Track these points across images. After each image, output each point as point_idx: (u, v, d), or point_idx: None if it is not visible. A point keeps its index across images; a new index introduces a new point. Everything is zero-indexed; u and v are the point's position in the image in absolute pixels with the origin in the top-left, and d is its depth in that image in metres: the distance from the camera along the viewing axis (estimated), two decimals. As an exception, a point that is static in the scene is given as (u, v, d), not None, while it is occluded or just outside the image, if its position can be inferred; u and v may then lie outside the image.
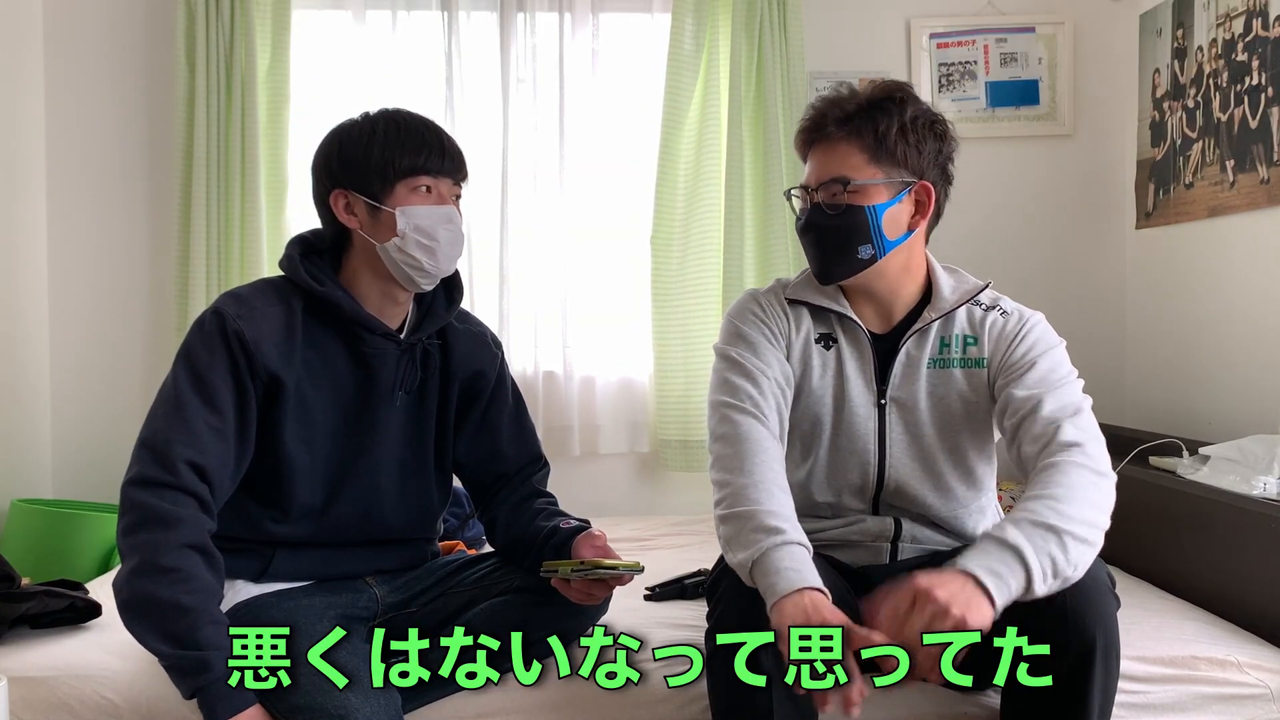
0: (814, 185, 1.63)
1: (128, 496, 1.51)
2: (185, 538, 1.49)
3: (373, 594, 1.74)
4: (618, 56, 3.19)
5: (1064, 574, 1.34)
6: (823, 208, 1.61)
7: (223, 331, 1.58)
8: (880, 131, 1.59)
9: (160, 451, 1.52)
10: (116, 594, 1.49)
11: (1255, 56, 2.48)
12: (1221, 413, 2.64)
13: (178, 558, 1.47)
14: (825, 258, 1.64)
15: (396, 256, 1.64)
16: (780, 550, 1.38)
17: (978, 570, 1.29)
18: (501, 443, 1.84)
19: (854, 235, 1.60)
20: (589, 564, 1.64)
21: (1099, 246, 3.23)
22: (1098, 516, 1.40)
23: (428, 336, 1.75)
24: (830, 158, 1.62)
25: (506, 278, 3.08)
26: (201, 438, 1.54)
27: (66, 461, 3.08)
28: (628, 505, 3.20)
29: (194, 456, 1.52)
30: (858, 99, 1.61)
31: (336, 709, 1.42)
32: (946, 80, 3.21)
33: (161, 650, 1.47)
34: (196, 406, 1.55)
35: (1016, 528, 1.34)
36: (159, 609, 1.46)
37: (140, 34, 3.08)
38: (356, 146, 1.64)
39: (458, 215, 1.68)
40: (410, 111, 1.70)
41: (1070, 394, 1.54)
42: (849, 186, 1.59)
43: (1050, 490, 1.40)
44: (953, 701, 1.67)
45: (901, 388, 1.65)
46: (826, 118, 1.61)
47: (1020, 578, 1.31)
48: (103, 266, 3.09)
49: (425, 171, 1.64)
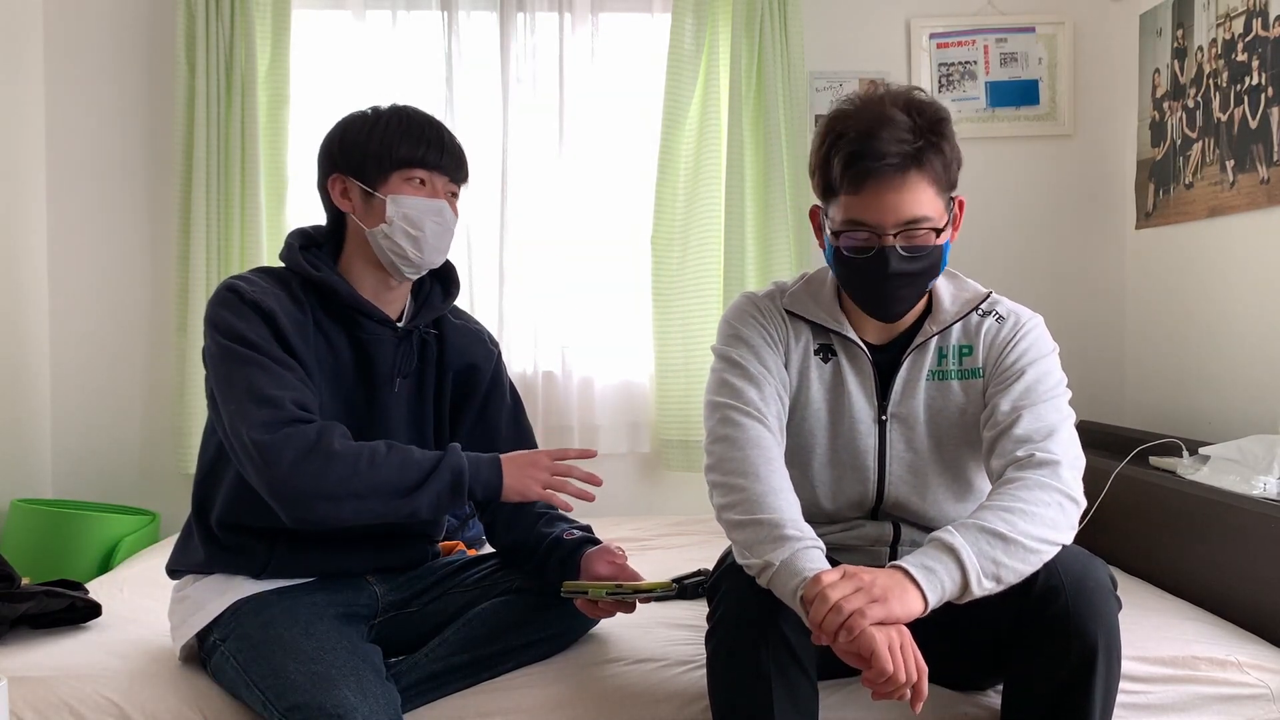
0: (890, 229, 1.50)
1: (262, 445, 1.49)
2: (336, 438, 1.52)
3: (373, 592, 1.74)
4: (618, 56, 3.19)
5: (1006, 579, 1.37)
6: (900, 252, 1.51)
7: (243, 301, 1.59)
8: (946, 162, 1.51)
9: (264, 398, 1.52)
10: (397, 514, 1.54)
11: (1255, 56, 2.48)
12: (1221, 413, 2.64)
13: (352, 447, 1.52)
14: (899, 301, 1.56)
15: (383, 243, 1.66)
16: (803, 554, 1.39)
17: (909, 565, 1.34)
18: (499, 442, 1.84)
19: (931, 273, 1.55)
20: (626, 588, 1.63)
21: (1099, 246, 3.23)
22: (1050, 533, 1.41)
23: (424, 326, 1.76)
24: (903, 199, 1.49)
25: (506, 278, 3.08)
26: (283, 378, 1.55)
27: (66, 461, 3.08)
28: (628, 505, 3.20)
29: (293, 395, 1.54)
30: (911, 125, 1.48)
31: (335, 707, 1.41)
32: (946, 80, 3.21)
33: (439, 498, 1.55)
34: (265, 365, 1.55)
35: (961, 531, 1.37)
36: (391, 484, 1.52)
37: (140, 34, 3.08)
38: (359, 133, 1.68)
39: (448, 210, 1.70)
40: (418, 109, 1.72)
41: (1050, 411, 1.52)
42: (938, 231, 1.52)
43: (1005, 503, 1.41)
44: (953, 702, 1.67)
45: (902, 403, 1.63)
46: (890, 154, 1.46)
47: (955, 576, 1.34)
48: (103, 266, 3.09)
49: (421, 164, 1.67)
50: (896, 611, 1.30)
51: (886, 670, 1.28)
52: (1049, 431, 1.50)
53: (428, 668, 1.65)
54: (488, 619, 1.71)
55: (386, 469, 1.53)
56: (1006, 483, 1.46)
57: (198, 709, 1.61)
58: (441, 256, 1.73)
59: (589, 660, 1.75)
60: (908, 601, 1.31)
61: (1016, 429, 1.50)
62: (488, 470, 1.60)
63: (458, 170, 1.71)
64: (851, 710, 1.64)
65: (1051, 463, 1.46)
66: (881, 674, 1.28)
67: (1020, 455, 1.48)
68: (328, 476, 1.50)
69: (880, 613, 1.29)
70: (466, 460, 1.58)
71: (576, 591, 1.65)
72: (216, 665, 1.61)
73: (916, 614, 1.32)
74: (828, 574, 1.34)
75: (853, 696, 1.65)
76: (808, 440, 1.65)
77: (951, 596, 1.35)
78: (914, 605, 1.32)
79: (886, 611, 1.30)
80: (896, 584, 1.32)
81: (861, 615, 1.28)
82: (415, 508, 1.54)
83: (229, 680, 1.59)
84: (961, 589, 1.35)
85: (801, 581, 1.35)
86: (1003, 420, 1.53)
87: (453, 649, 1.68)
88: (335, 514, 1.52)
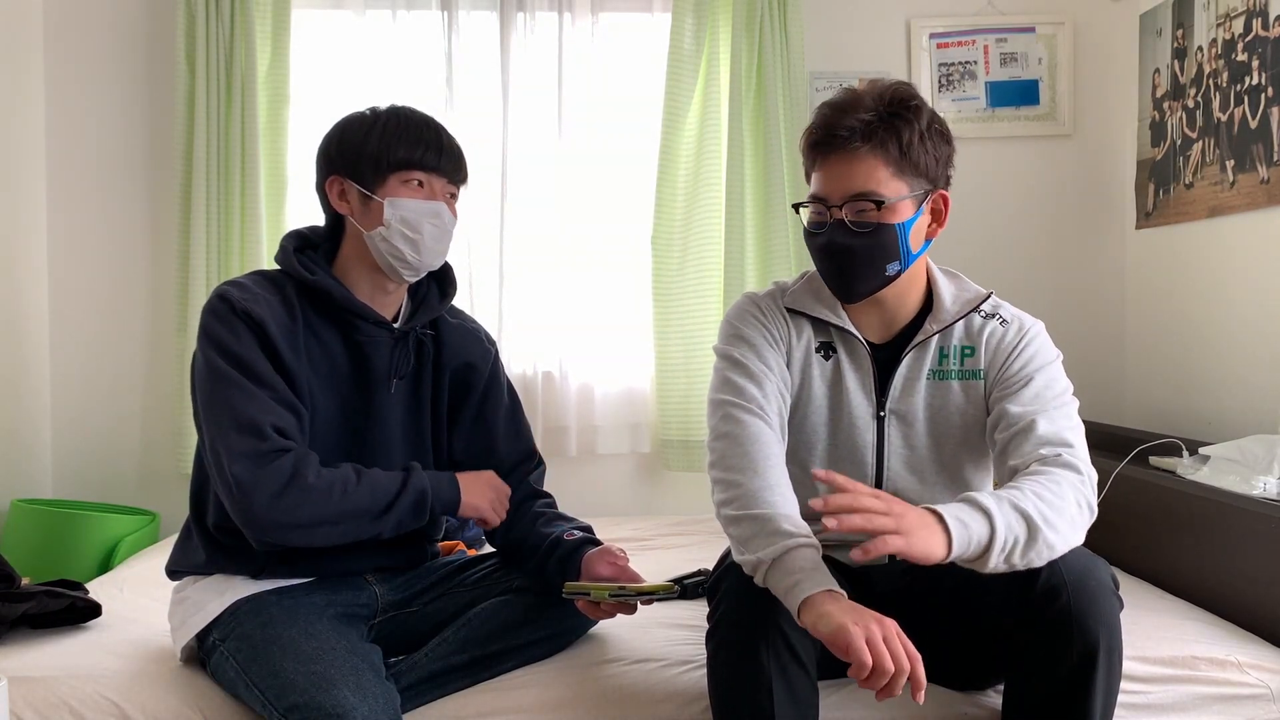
0: (837, 201, 1.54)
1: (241, 481, 1.53)
2: (310, 472, 1.56)
3: (372, 592, 1.74)
4: (618, 56, 3.19)
5: (1014, 563, 1.36)
6: (848, 225, 1.53)
7: (234, 312, 1.61)
8: (905, 142, 1.51)
9: (244, 425, 1.54)
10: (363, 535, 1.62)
11: (1255, 56, 2.48)
12: (1221, 413, 2.64)
13: (325, 478, 1.57)
14: (851, 278, 1.57)
15: (381, 246, 1.66)
16: (797, 553, 1.38)
17: (945, 513, 1.31)
18: (497, 440, 1.85)
19: (883, 254, 1.54)
20: (630, 589, 1.63)
21: (1099, 246, 3.23)
22: (1069, 533, 1.40)
23: (421, 327, 1.76)
24: (852, 171, 1.52)
25: (506, 278, 3.08)
26: (264, 402, 1.57)
27: (66, 461, 3.08)
28: (628, 505, 3.20)
29: (274, 420, 1.56)
30: (873, 105, 1.52)
31: (334, 707, 1.41)
32: (946, 80, 3.21)
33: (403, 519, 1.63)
34: (246, 387, 1.57)
35: (997, 501, 1.35)
36: (361, 510, 1.59)
37: (140, 34, 3.08)
38: (357, 135, 1.67)
39: (446, 212, 1.69)
40: (416, 110, 1.72)
41: (1064, 418, 1.53)
42: (881, 205, 1.52)
43: (1038, 489, 1.39)
44: (953, 702, 1.67)
45: (901, 400, 1.64)
46: (843, 127, 1.51)
47: (983, 540, 1.32)
48: (103, 266, 3.09)
49: (419, 166, 1.66)
50: (916, 549, 1.27)
51: (865, 664, 1.25)
52: (1069, 439, 1.50)
53: (427, 668, 1.65)
54: (488, 619, 1.71)
55: (358, 497, 1.59)
56: (1035, 473, 1.44)
57: (198, 709, 1.61)
58: (440, 259, 1.73)
59: (589, 660, 1.75)
60: (931, 544, 1.29)
61: (1037, 430, 1.50)
62: (448, 489, 1.70)
63: (456, 171, 1.71)
64: (851, 710, 1.64)
65: (1077, 467, 1.46)
66: (862, 668, 1.25)
67: (1045, 454, 1.47)
68: (302, 509, 1.55)
69: (899, 544, 1.26)
70: (429, 480, 1.67)
71: (578, 593, 1.65)
72: (216, 665, 1.61)
73: (935, 560, 1.29)
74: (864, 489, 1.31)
75: (853, 696, 1.65)
76: (809, 437, 1.66)
77: (969, 559, 1.33)
78: (936, 550, 1.29)
79: (906, 545, 1.27)
80: (925, 526, 1.30)
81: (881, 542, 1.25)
82: (381, 529, 1.63)
83: (228, 680, 1.59)
84: (980, 554, 1.33)
85: (794, 584, 1.34)
86: (1017, 422, 1.52)
87: (452, 649, 1.68)
88: (307, 540, 1.59)
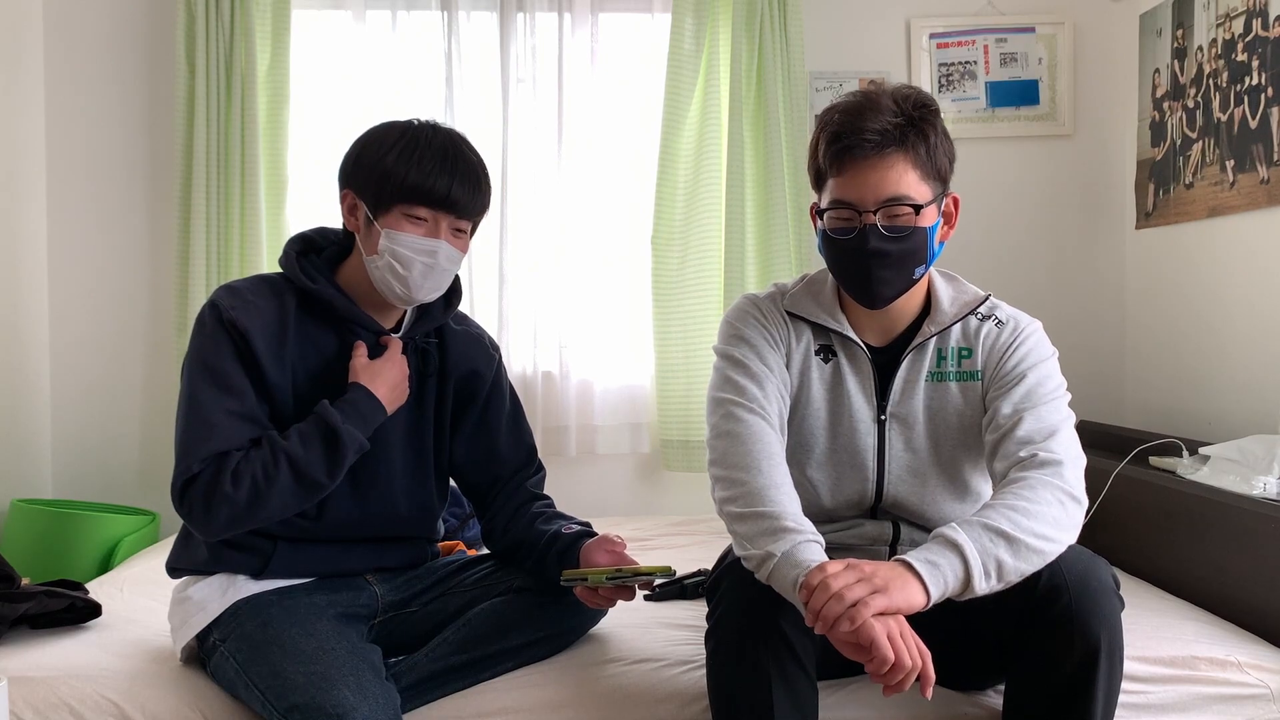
0: (870, 206, 1.53)
1: (183, 507, 1.58)
2: (226, 478, 1.55)
3: (373, 592, 1.74)
4: (618, 56, 3.19)
5: (1009, 577, 1.37)
6: (881, 230, 1.53)
7: (219, 321, 1.61)
8: (931, 144, 1.53)
9: (184, 452, 1.57)
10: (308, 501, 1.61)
11: (1255, 56, 2.48)
12: (1221, 413, 2.64)
13: (249, 467, 1.55)
14: (881, 283, 1.56)
15: (374, 273, 1.66)
16: (804, 547, 1.39)
17: (912, 559, 1.34)
18: (498, 445, 1.85)
19: (914, 258, 1.55)
20: (626, 571, 1.63)
21: (1099, 246, 3.23)
22: (1055, 532, 1.41)
23: (424, 335, 1.76)
24: (884, 175, 1.51)
25: (506, 278, 3.08)
26: (218, 428, 1.57)
27: (66, 461, 3.08)
28: (628, 505, 3.20)
29: (214, 448, 1.56)
30: (896, 107, 1.52)
31: (334, 707, 1.41)
32: (946, 80, 3.21)
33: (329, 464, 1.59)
34: (210, 396, 1.59)
35: (965, 528, 1.37)
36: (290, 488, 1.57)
37: (140, 34, 3.08)
38: (375, 154, 1.64)
39: (445, 250, 1.65)
40: (446, 133, 1.67)
41: (1051, 413, 1.53)
42: (919, 209, 1.52)
43: (1010, 501, 1.41)
44: (953, 702, 1.67)
45: (901, 403, 1.64)
46: (872, 130, 1.50)
47: (959, 572, 1.34)
48: (103, 266, 3.09)
49: (425, 201, 1.63)
50: (898, 602, 1.30)
51: (888, 658, 1.27)
52: (1050, 432, 1.51)
53: (427, 668, 1.65)
54: (487, 619, 1.71)
55: (283, 478, 1.57)
56: (1010, 483, 1.46)
57: (198, 709, 1.61)
58: (433, 293, 1.70)
59: (589, 660, 1.75)
60: (910, 594, 1.31)
61: (1018, 431, 1.51)
62: (364, 404, 1.63)
63: (467, 209, 1.67)
64: (851, 710, 1.64)
65: (1054, 462, 1.46)
66: (884, 663, 1.27)
67: (1023, 456, 1.48)
68: (234, 509, 1.56)
69: (882, 603, 1.29)
70: (337, 416, 1.60)
71: (576, 579, 1.64)
72: (216, 665, 1.61)
73: (918, 607, 1.32)
74: (831, 564, 1.34)
75: (853, 696, 1.65)
76: (808, 439, 1.66)
77: (954, 592, 1.35)
78: (916, 598, 1.32)
79: (888, 602, 1.29)
80: (898, 576, 1.32)
81: (864, 605, 1.28)
82: (318, 488, 1.60)
83: (229, 680, 1.59)
84: (964, 585, 1.35)
85: (802, 572, 1.35)
86: (1004, 423, 1.54)
87: (452, 649, 1.68)
88: (251, 526, 1.60)
